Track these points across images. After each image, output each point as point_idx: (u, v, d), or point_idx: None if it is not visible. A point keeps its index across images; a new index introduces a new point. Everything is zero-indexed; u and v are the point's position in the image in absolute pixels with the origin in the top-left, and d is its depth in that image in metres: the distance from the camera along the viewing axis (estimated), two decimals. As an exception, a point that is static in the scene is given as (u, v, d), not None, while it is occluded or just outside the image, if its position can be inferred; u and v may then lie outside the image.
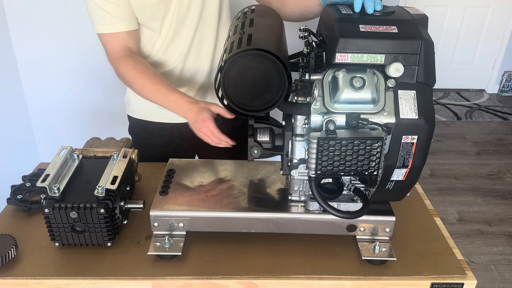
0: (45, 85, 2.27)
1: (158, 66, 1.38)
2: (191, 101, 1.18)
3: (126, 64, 1.24)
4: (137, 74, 1.23)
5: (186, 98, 1.19)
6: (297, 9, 1.22)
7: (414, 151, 0.88)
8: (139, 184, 1.27)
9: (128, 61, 1.24)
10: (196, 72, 1.42)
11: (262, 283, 0.98)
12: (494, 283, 2.28)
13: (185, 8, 1.28)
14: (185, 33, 1.33)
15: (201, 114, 1.14)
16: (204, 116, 1.13)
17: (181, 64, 1.38)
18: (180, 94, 1.20)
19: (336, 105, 0.88)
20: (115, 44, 1.25)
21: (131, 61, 1.24)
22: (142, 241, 1.07)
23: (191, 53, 1.37)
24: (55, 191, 0.99)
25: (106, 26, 1.23)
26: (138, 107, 1.50)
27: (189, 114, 1.17)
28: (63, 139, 2.36)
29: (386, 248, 1.02)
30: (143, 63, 1.27)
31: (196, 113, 1.15)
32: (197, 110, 1.15)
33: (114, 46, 1.25)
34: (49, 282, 0.97)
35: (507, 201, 2.93)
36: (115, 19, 1.22)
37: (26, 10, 2.08)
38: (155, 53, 1.36)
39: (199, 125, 1.14)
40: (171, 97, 1.20)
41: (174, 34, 1.32)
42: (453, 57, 4.48)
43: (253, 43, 0.87)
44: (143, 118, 1.51)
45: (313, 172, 0.90)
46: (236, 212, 1.02)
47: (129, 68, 1.24)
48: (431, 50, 0.86)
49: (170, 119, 1.49)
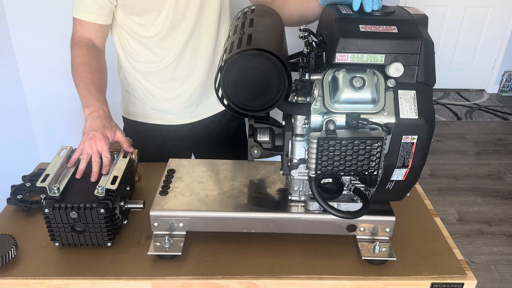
0: (45, 85, 2.27)
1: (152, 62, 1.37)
2: (107, 112, 1.18)
3: (79, 50, 1.27)
4: (81, 61, 1.25)
5: (105, 107, 1.19)
6: (296, 12, 1.22)
7: (414, 151, 0.88)
8: (139, 184, 1.27)
9: (82, 48, 1.27)
10: (191, 73, 1.40)
11: (262, 283, 0.98)
12: (494, 283, 2.28)
13: (182, 7, 1.28)
14: (180, 33, 1.32)
15: (107, 129, 1.13)
16: (107, 133, 1.12)
17: (175, 64, 1.37)
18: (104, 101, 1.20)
19: (336, 105, 0.88)
20: (80, 31, 1.30)
21: (84, 49, 1.27)
22: (142, 241, 1.07)
23: (187, 52, 1.36)
24: (55, 191, 0.99)
25: (79, 12, 1.28)
26: (134, 109, 1.49)
27: (97, 119, 1.14)
28: (63, 139, 2.35)
29: (386, 248, 1.02)
30: (95, 57, 1.28)
31: (104, 125, 1.13)
32: (107, 123, 1.15)
33: (78, 32, 1.30)
34: (49, 282, 0.97)
35: (507, 201, 2.93)
36: (88, 9, 1.26)
37: (26, 10, 2.08)
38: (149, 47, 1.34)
39: (96, 135, 1.11)
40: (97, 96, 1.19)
41: (169, 32, 1.31)
42: (453, 57, 4.48)
43: (253, 43, 0.87)
44: (138, 119, 1.50)
45: (313, 172, 0.90)
46: (236, 212, 1.02)
47: (78, 54, 1.27)
48: (431, 50, 0.86)
49: (166, 121, 1.48)
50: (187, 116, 1.49)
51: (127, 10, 1.27)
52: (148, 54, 1.35)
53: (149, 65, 1.37)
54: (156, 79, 1.40)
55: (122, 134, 1.17)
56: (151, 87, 1.42)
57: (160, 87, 1.42)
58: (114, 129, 1.16)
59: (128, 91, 1.48)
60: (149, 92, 1.43)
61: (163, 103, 1.45)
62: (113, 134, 1.15)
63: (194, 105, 1.47)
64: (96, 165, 1.08)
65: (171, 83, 1.41)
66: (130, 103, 1.49)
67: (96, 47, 1.31)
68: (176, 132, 1.50)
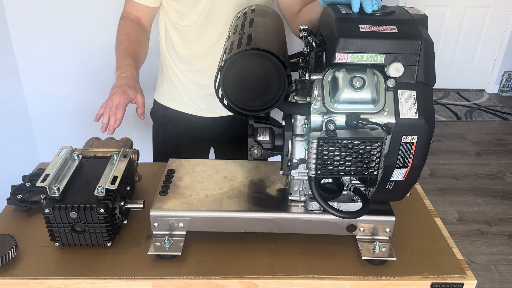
0: (45, 85, 2.27)
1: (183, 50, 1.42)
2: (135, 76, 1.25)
3: (123, 23, 1.39)
4: (123, 32, 1.35)
5: (135, 71, 1.26)
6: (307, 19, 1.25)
7: (414, 151, 0.88)
8: (139, 184, 1.27)
9: (126, 21, 1.38)
10: None
11: (262, 283, 0.98)
12: (494, 283, 2.28)
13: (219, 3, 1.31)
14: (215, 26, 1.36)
15: (130, 88, 1.18)
16: (129, 91, 1.18)
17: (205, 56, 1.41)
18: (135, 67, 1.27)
19: (336, 105, 0.88)
20: (129, 9, 1.41)
21: (128, 22, 1.38)
22: (142, 241, 1.07)
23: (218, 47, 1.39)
24: (55, 191, 0.99)
25: None
26: (163, 92, 1.55)
27: (124, 79, 1.21)
28: (63, 139, 2.36)
29: (386, 248, 1.02)
30: (136, 30, 1.37)
31: (129, 84, 1.20)
32: (132, 84, 1.21)
33: (127, 9, 1.41)
34: (49, 282, 0.97)
35: (507, 201, 2.93)
36: None
37: (26, 10, 2.08)
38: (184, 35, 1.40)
39: (118, 91, 1.17)
40: (128, 61, 1.27)
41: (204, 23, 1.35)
42: (453, 57, 4.48)
43: (253, 43, 0.87)
44: (163, 103, 1.56)
45: (313, 172, 0.90)
46: (236, 212, 1.03)
47: (121, 27, 1.38)
48: (431, 50, 0.86)
49: (188, 109, 1.53)
50: (211, 110, 1.53)
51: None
52: (181, 42, 1.41)
53: (181, 53, 1.43)
54: (186, 68, 1.46)
55: (142, 99, 1.22)
56: (180, 74, 1.48)
57: (188, 76, 1.47)
58: (137, 91, 1.21)
59: (162, 74, 1.55)
60: (179, 79, 1.49)
61: (189, 91, 1.49)
62: (134, 95, 1.19)
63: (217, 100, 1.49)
64: (113, 118, 1.14)
65: (198, 74, 1.45)
66: (162, 86, 1.56)
67: (141, 24, 1.39)
68: (197, 123, 1.54)
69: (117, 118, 1.14)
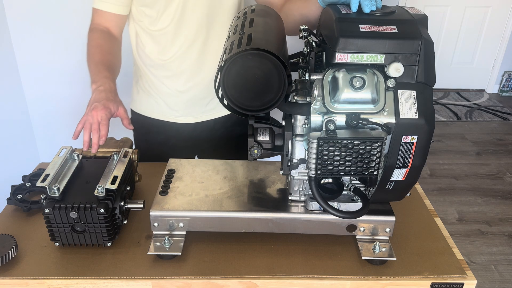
0: (45, 85, 2.27)
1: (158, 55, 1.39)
2: (113, 88, 1.20)
3: (93, 35, 1.34)
4: (94, 44, 1.31)
5: (113, 83, 1.22)
6: (299, 16, 1.23)
7: (414, 151, 0.88)
8: (139, 184, 1.27)
9: (96, 33, 1.34)
10: (198, 72, 1.41)
11: (262, 283, 0.98)
12: (494, 283, 2.28)
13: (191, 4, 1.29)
14: (187, 29, 1.33)
15: (111, 102, 1.15)
16: (110, 105, 1.14)
17: (180, 60, 1.38)
18: (112, 79, 1.24)
19: (336, 105, 0.88)
20: (97, 19, 1.36)
21: (98, 34, 1.33)
22: (142, 241, 1.07)
23: (194, 50, 1.37)
24: (55, 191, 0.99)
25: (98, 2, 1.33)
26: (141, 102, 1.51)
27: (103, 92, 1.16)
28: (63, 139, 2.35)
29: (386, 248, 1.02)
30: (108, 40, 1.33)
31: (108, 97, 1.15)
32: (112, 97, 1.17)
33: (95, 20, 1.36)
34: (49, 282, 0.97)
35: (507, 201, 2.93)
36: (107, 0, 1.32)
37: (26, 10, 2.08)
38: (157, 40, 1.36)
39: (98, 106, 1.12)
40: (104, 73, 1.23)
41: (176, 27, 1.33)
42: (453, 57, 4.48)
43: (253, 43, 0.87)
44: (143, 113, 1.52)
45: (313, 172, 0.90)
46: (236, 212, 1.03)
47: (92, 39, 1.33)
48: (431, 50, 0.86)
49: (169, 118, 1.49)
50: (191, 115, 1.49)
51: (139, 1, 1.31)
52: (155, 47, 1.38)
53: (155, 58, 1.39)
54: (162, 74, 1.42)
55: (124, 111, 1.18)
56: (157, 82, 1.44)
57: (165, 82, 1.43)
58: (118, 104, 1.17)
59: (136, 83, 1.51)
60: (155, 86, 1.45)
61: (166, 98, 1.46)
62: (116, 108, 1.15)
63: (198, 104, 1.47)
64: (96, 135, 1.08)
65: (175, 79, 1.42)
66: (138, 95, 1.52)
67: (111, 34, 1.35)
68: (179, 130, 1.50)
69: (102, 134, 1.09)
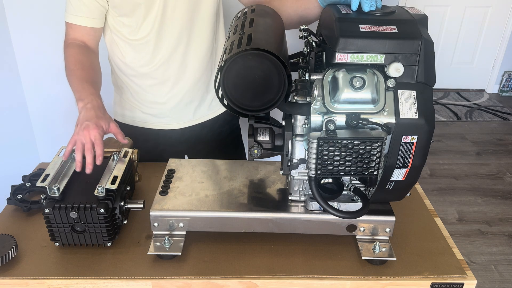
0: (45, 85, 2.27)
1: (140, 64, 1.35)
2: (100, 105, 1.17)
3: (71, 50, 1.29)
4: (73, 60, 1.26)
5: (100, 100, 1.18)
6: (294, 14, 1.21)
7: (414, 151, 0.88)
8: (139, 184, 1.27)
9: (74, 49, 1.29)
10: (181, 77, 1.38)
11: (262, 283, 0.98)
12: (494, 283, 2.28)
13: (171, 8, 1.27)
14: (168, 37, 1.30)
15: (101, 119, 1.11)
16: (101, 123, 1.10)
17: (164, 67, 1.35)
18: (98, 95, 1.20)
19: (336, 105, 0.88)
20: (72, 34, 1.31)
21: (75, 49, 1.29)
22: (142, 241, 1.07)
23: (176, 57, 1.34)
24: (55, 191, 0.99)
25: (70, 16, 1.29)
26: (124, 111, 1.48)
27: (92, 110, 1.12)
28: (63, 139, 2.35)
29: (386, 248, 1.02)
30: (87, 55, 1.28)
31: (98, 115, 1.12)
32: (102, 114, 1.13)
33: (70, 35, 1.32)
34: (49, 282, 0.97)
35: (507, 201, 2.93)
36: (78, 13, 1.27)
37: (26, 10, 2.08)
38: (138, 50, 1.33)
39: (90, 125, 1.08)
40: (90, 89, 1.18)
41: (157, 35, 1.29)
42: (453, 57, 4.48)
43: (253, 43, 0.87)
44: (128, 122, 1.49)
45: (313, 172, 0.90)
46: (236, 212, 1.02)
47: (70, 54, 1.28)
48: (431, 50, 0.86)
49: (155, 125, 1.47)
50: (178, 121, 1.47)
51: (117, 11, 1.27)
52: (137, 56, 1.34)
53: (137, 68, 1.36)
54: (146, 83, 1.39)
55: (116, 126, 1.15)
56: (141, 91, 1.41)
57: (149, 90, 1.40)
58: (108, 120, 1.14)
59: (118, 93, 1.48)
60: (139, 96, 1.42)
61: (152, 107, 1.43)
62: (107, 125, 1.13)
63: (184, 110, 1.45)
64: (90, 156, 1.05)
65: (160, 87, 1.39)
66: (121, 105, 1.48)
67: (89, 48, 1.31)
68: (166, 137, 1.49)
69: (98, 154, 1.06)
